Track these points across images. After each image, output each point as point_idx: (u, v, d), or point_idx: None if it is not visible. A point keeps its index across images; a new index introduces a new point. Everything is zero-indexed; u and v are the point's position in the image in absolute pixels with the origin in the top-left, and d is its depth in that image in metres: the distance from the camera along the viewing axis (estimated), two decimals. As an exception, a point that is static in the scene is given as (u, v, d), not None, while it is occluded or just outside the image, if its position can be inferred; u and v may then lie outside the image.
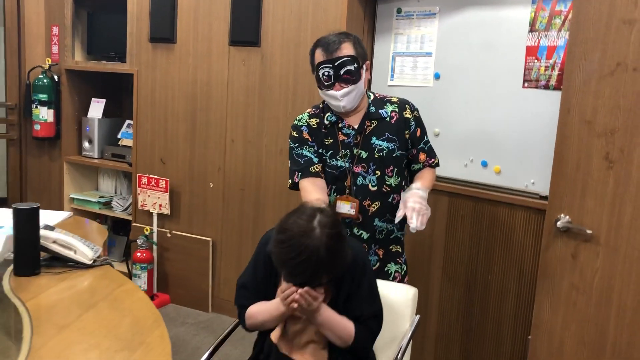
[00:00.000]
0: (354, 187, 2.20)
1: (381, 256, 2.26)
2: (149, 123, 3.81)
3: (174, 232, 3.78)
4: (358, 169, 2.21)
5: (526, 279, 2.76)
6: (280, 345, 1.84)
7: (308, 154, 2.23)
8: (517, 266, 2.79)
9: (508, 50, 2.80)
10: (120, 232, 4.33)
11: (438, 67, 3.05)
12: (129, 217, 4.01)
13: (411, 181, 2.32)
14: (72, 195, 4.22)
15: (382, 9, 3.25)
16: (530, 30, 2.73)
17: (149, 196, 3.77)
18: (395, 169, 2.24)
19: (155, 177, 3.73)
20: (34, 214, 2.08)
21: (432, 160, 2.33)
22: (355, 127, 2.22)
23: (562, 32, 2.63)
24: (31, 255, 2.07)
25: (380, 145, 2.21)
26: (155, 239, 3.78)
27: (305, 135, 2.27)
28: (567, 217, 2.14)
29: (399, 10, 3.17)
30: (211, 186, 3.65)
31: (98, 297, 1.92)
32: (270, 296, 1.87)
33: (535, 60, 2.72)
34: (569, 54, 2.12)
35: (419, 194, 2.11)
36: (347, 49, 2.13)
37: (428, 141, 2.33)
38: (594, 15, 2.04)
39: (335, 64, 2.11)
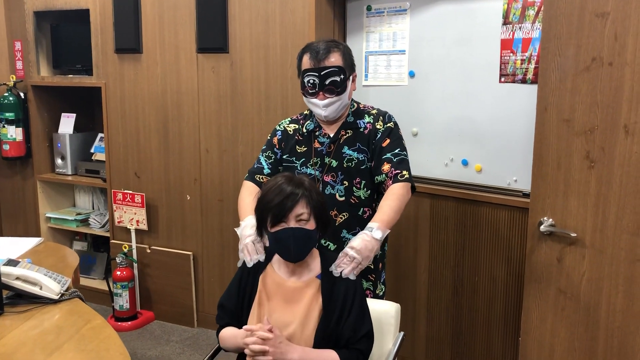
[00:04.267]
0: None
1: (377, 288, 2.20)
2: (120, 136, 3.69)
3: (153, 247, 3.68)
4: (328, 178, 2.16)
5: (514, 279, 2.69)
6: None
7: (263, 162, 2.27)
8: (505, 267, 2.71)
9: (483, 44, 2.71)
10: (101, 249, 4.22)
11: (412, 64, 2.95)
12: (107, 234, 3.90)
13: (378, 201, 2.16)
14: (48, 215, 4.10)
15: (351, 7, 3.14)
16: (504, 23, 2.64)
17: (125, 212, 3.66)
18: (364, 181, 2.16)
19: (130, 192, 3.62)
20: (-8, 252, 1.96)
21: (399, 172, 2.06)
22: (331, 135, 2.18)
23: (537, 24, 2.54)
24: (-7, 296, 1.97)
25: (350, 155, 2.15)
26: (134, 255, 3.67)
27: (275, 141, 2.28)
28: (551, 219, 2.06)
29: (369, 8, 3.07)
30: (188, 198, 3.54)
31: (64, 337, 1.83)
32: (244, 318, 1.86)
33: (511, 54, 2.63)
34: (542, 50, 2.03)
35: (365, 239, 1.88)
36: (335, 59, 2.08)
37: (400, 155, 2.11)
38: (566, 9, 1.95)
39: (322, 73, 2.06)
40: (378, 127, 2.17)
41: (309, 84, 2.09)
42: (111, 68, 3.64)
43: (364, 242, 1.87)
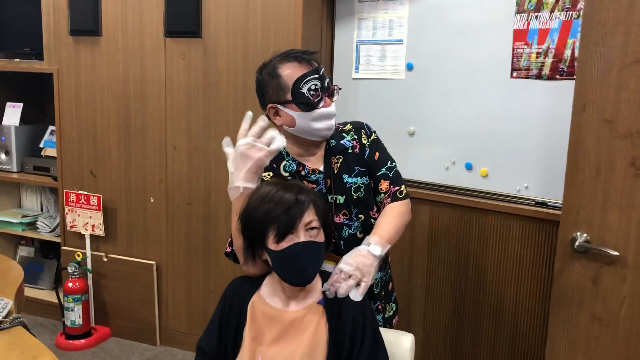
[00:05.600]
0: (341, 242, 1.74)
1: (386, 311, 1.89)
2: (74, 130, 3.26)
3: (110, 255, 3.27)
4: (339, 219, 1.76)
5: (524, 298, 2.41)
6: None
7: None
8: (514, 284, 2.43)
9: (492, 35, 2.42)
10: (49, 255, 3.77)
11: (411, 56, 2.65)
12: (58, 240, 3.46)
13: None
14: (-12, 216, 3.63)
15: (341, -9, 2.82)
16: (518, 12, 2.36)
17: (79, 215, 3.23)
18: (376, 207, 1.81)
19: (85, 193, 3.20)
20: None
21: (397, 188, 1.78)
22: (321, 169, 1.77)
23: (556, 13, 2.27)
24: None
25: (355, 183, 1.77)
26: (89, 265, 3.25)
27: None
28: (585, 235, 1.79)
29: (361, -8, 2.75)
30: (152, 201, 3.15)
31: (1, 381, 1.44)
32: None
33: (525, 46, 2.36)
34: (582, 39, 1.75)
35: (362, 254, 1.56)
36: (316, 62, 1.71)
37: (393, 167, 1.82)
38: (614, -10, 1.67)
39: (321, 74, 1.68)
40: (364, 142, 1.81)
41: (312, 91, 1.66)
42: (65, 52, 3.21)
43: (359, 257, 1.55)
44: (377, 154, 1.81)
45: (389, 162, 1.82)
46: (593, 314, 1.81)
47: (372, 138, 1.83)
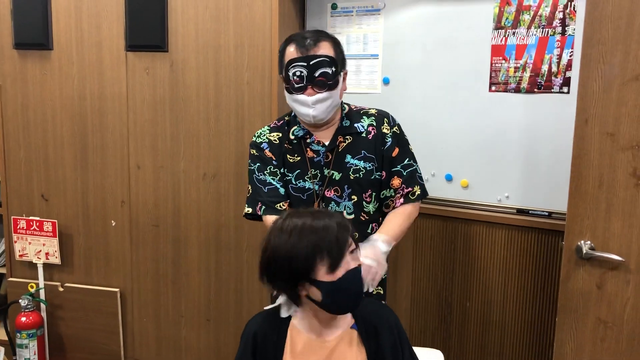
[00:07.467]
0: None
1: None
2: (22, 150, 3.01)
3: (67, 284, 3.03)
4: (330, 193, 1.88)
5: (510, 305, 2.50)
6: None
7: (272, 181, 1.90)
8: (500, 291, 2.51)
9: (470, 50, 2.50)
10: (-15, 287, 3.45)
11: (387, 70, 2.68)
12: (2, 270, 3.18)
13: (383, 215, 1.97)
14: None
15: (312, 5, 2.80)
16: (496, 28, 2.45)
17: (30, 243, 2.98)
18: (374, 194, 1.93)
19: (38, 219, 2.96)
20: None
21: (409, 189, 1.92)
22: (326, 143, 1.89)
23: (533, 30, 2.38)
24: None
25: (356, 165, 1.88)
26: (42, 296, 3.00)
27: (268, 153, 1.93)
28: (590, 242, 1.88)
29: (334, 6, 2.75)
30: (113, 224, 2.96)
31: None
32: None
33: (503, 61, 2.45)
34: (583, 57, 1.84)
35: (376, 248, 1.72)
36: (325, 49, 1.82)
37: (411, 166, 1.95)
38: (613, 12, 1.77)
39: (310, 63, 1.78)
40: (385, 131, 1.94)
41: (295, 77, 1.80)
42: (9, 67, 2.95)
43: (373, 249, 1.69)
44: (396, 150, 1.92)
45: (407, 159, 1.94)
46: (598, 317, 1.90)
47: (394, 130, 1.94)
